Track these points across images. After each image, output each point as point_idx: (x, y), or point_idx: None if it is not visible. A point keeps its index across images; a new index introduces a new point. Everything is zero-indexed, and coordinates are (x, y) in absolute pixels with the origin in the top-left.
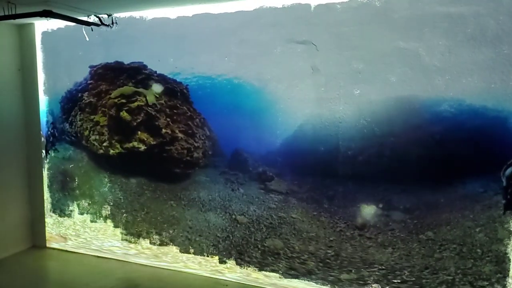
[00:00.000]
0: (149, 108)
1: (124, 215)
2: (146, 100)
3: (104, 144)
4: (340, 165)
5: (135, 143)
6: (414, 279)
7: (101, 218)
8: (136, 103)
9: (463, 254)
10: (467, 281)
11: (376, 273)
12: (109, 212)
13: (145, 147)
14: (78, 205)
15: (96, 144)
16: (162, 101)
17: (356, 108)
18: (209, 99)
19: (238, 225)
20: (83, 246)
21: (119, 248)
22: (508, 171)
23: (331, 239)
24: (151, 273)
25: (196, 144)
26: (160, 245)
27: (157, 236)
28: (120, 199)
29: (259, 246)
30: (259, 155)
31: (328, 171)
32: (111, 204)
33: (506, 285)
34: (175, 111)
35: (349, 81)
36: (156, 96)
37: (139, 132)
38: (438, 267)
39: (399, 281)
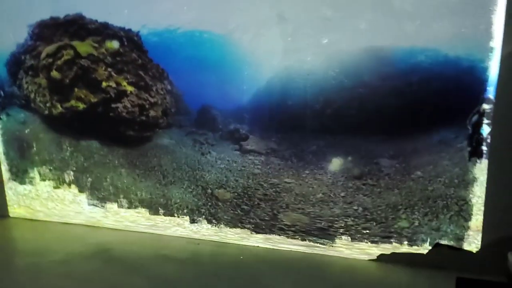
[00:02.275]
0: (82, 61)
1: (89, 179)
2: (76, 52)
3: (47, 105)
4: (309, 119)
5: (73, 102)
6: (427, 209)
7: (65, 184)
8: (63, 59)
9: (447, 184)
10: (454, 203)
11: (400, 214)
12: (72, 178)
13: (85, 106)
14: (38, 171)
15: (41, 105)
16: (103, 50)
17: (324, 58)
18: (168, 53)
19: (220, 204)
20: (48, 213)
21: (86, 213)
22: (473, 119)
23: (342, 195)
24: (122, 237)
25: (152, 100)
26: (128, 208)
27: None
28: (82, 163)
29: (277, 222)
30: (229, 111)
31: (299, 126)
32: (74, 169)
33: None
34: (118, 58)
35: (317, 30)
36: (94, 47)
37: (76, 90)
38: (435, 196)
39: (419, 213)
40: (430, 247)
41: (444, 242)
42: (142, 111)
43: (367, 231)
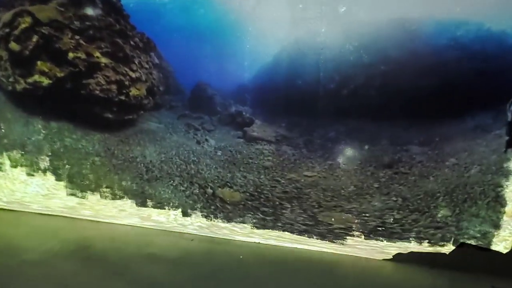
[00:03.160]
0: (43, 28)
1: (67, 167)
2: (36, 18)
3: (10, 80)
4: (322, 101)
5: (37, 77)
6: (466, 196)
7: (40, 171)
8: (20, 28)
9: (483, 171)
10: (491, 190)
11: (440, 202)
12: (47, 164)
13: (50, 81)
14: (8, 156)
15: (4, 80)
16: (70, 14)
17: (341, 30)
18: (155, 19)
19: (229, 207)
20: (22, 203)
21: (65, 204)
22: None
23: (376, 186)
24: (104, 231)
25: (133, 75)
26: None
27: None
28: (57, 148)
29: (323, 226)
30: (228, 91)
31: (311, 109)
32: (49, 154)
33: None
34: (88, 23)
35: None
36: (59, 11)
37: (38, 63)
38: (471, 182)
39: (458, 200)
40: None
41: (481, 228)
42: (121, 89)
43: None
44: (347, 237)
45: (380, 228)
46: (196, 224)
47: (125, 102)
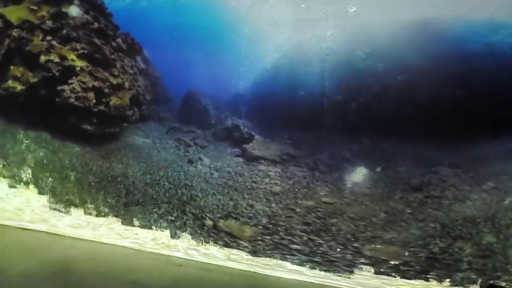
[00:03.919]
0: (14, 31)
1: (50, 179)
2: (6, 20)
3: None
4: (328, 115)
5: (10, 82)
6: (509, 221)
7: (21, 183)
8: None
9: None
10: None
11: (482, 228)
12: (30, 176)
13: (23, 87)
14: None
15: None
16: (44, 13)
17: (350, 33)
18: (141, 19)
19: (244, 243)
20: (5, 216)
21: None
22: None
23: (409, 211)
24: (87, 251)
25: (115, 82)
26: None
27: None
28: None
29: (370, 257)
30: (222, 101)
31: (315, 124)
32: (32, 166)
33: None
34: (63, 21)
35: None
36: (32, 10)
37: (11, 67)
38: None
39: (501, 225)
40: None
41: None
42: (99, 98)
43: (465, 252)
44: (404, 271)
45: (431, 259)
46: (185, 248)
47: (105, 112)
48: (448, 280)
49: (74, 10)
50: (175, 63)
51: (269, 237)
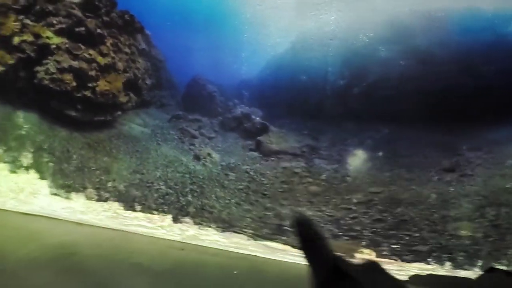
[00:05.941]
0: None
1: (50, 163)
2: None
3: None
4: (332, 101)
5: None
6: None
7: (22, 168)
8: None
9: None
10: None
11: None
12: (31, 161)
13: (3, 68)
14: None
15: None
16: None
17: (354, 17)
18: (143, 2)
19: None
20: (3, 201)
21: (48, 204)
22: None
23: (452, 190)
24: (89, 236)
25: (103, 62)
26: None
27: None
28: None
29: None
30: (225, 87)
31: (318, 110)
32: (32, 150)
33: None
34: None
35: None
36: None
37: None
38: None
39: None
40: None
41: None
42: (83, 81)
43: None
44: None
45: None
46: (186, 233)
47: (91, 99)
48: None
49: None
50: (176, 48)
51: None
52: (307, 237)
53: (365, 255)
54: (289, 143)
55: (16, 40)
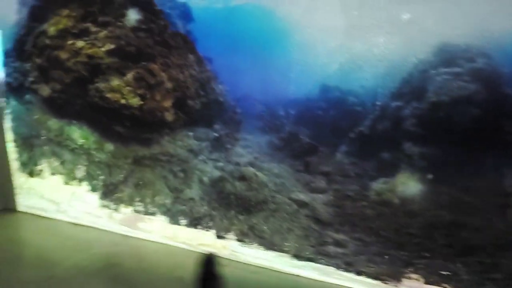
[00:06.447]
0: (48, 40)
1: (101, 176)
2: (46, 33)
3: (36, 86)
4: (379, 122)
5: (52, 84)
6: None
7: (75, 180)
8: (38, 46)
9: None
10: None
11: None
12: (84, 173)
13: (60, 87)
14: (49, 163)
15: (35, 87)
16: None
17: (403, 40)
18: (195, 27)
19: None
20: (57, 211)
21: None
22: None
23: None
24: (134, 248)
25: (153, 81)
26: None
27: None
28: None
29: None
30: (272, 106)
31: (371, 131)
32: (86, 164)
33: None
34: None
35: (394, 0)
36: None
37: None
38: None
39: None
40: None
41: None
42: (131, 98)
43: None
44: None
45: None
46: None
47: (138, 116)
48: None
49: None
50: (225, 68)
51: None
52: (207, 273)
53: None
54: (339, 165)
55: (72, 61)
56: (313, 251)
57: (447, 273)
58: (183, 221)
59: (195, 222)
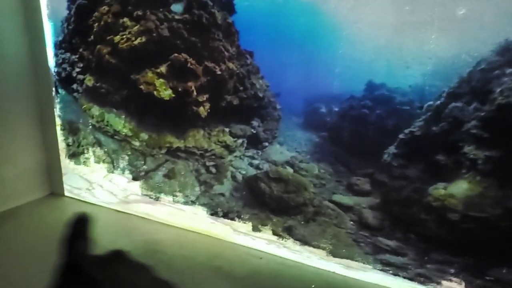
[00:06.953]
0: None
1: (144, 167)
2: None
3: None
4: (426, 120)
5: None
6: None
7: (119, 169)
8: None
9: None
10: None
11: None
12: (126, 163)
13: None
14: (94, 152)
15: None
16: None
17: (457, 36)
18: (237, 19)
19: None
20: (102, 197)
21: (140, 202)
22: None
23: None
24: (174, 236)
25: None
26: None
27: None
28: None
29: None
30: (320, 101)
31: (418, 129)
32: (129, 153)
33: None
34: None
35: None
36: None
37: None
38: None
39: None
40: None
41: None
42: (182, 95)
43: None
44: None
45: None
46: (265, 242)
47: (171, 109)
48: None
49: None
50: (270, 63)
51: None
52: (73, 233)
53: None
54: (387, 167)
55: (111, 54)
56: (365, 257)
57: None
58: (221, 213)
59: (233, 214)
